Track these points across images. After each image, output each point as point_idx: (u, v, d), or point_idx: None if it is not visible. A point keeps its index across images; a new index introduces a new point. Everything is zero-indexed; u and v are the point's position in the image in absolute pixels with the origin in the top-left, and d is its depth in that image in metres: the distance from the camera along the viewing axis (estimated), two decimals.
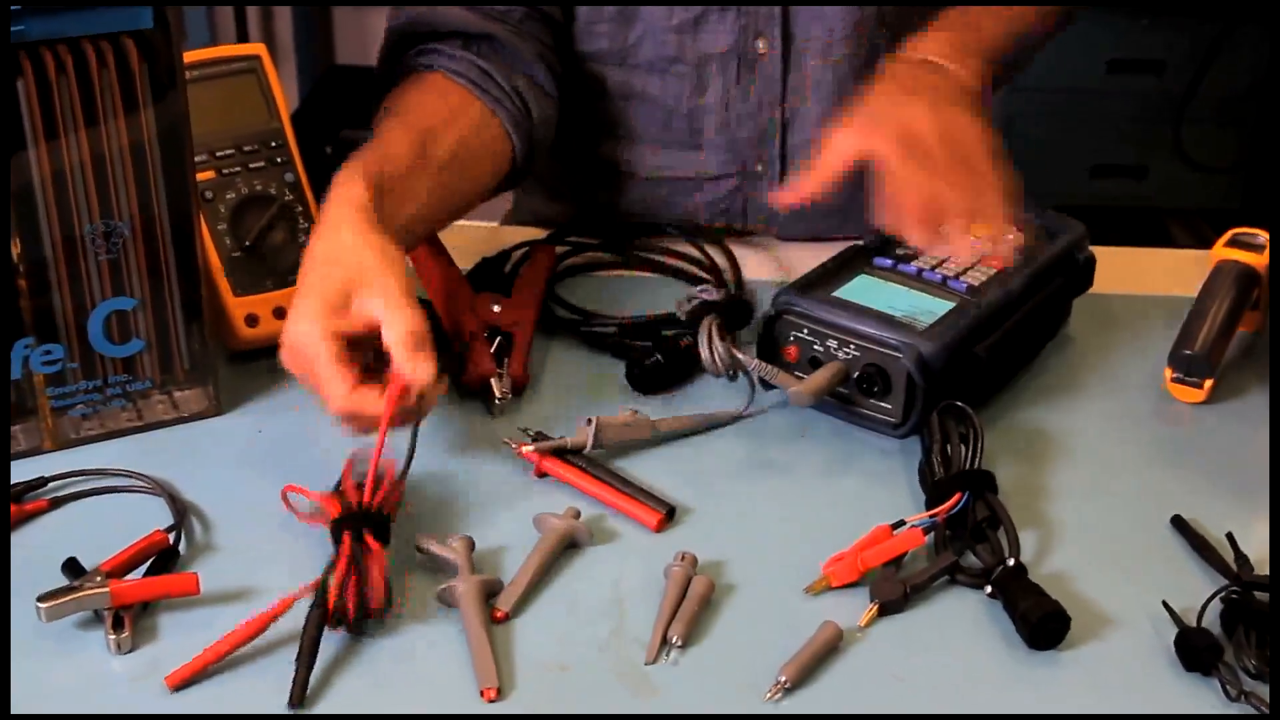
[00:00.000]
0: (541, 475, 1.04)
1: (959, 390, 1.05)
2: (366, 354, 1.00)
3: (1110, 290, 1.29)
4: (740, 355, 1.09)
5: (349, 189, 1.06)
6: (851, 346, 1.07)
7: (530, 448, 1.04)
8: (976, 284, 1.12)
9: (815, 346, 1.09)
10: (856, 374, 1.07)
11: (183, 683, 0.87)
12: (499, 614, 0.91)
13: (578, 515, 0.98)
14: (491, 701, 0.86)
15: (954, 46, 1.18)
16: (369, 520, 0.93)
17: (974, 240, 1.08)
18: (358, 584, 0.90)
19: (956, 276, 1.13)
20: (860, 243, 1.18)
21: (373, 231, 1.03)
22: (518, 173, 1.25)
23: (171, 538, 0.97)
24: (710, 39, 1.30)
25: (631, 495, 1.02)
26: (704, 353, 1.09)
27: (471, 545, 0.96)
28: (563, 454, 1.05)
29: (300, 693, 0.86)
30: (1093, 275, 1.21)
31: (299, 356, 0.99)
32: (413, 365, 0.98)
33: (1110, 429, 1.12)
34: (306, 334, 0.98)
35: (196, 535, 0.99)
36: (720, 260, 1.31)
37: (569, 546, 0.98)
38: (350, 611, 0.89)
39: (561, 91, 1.28)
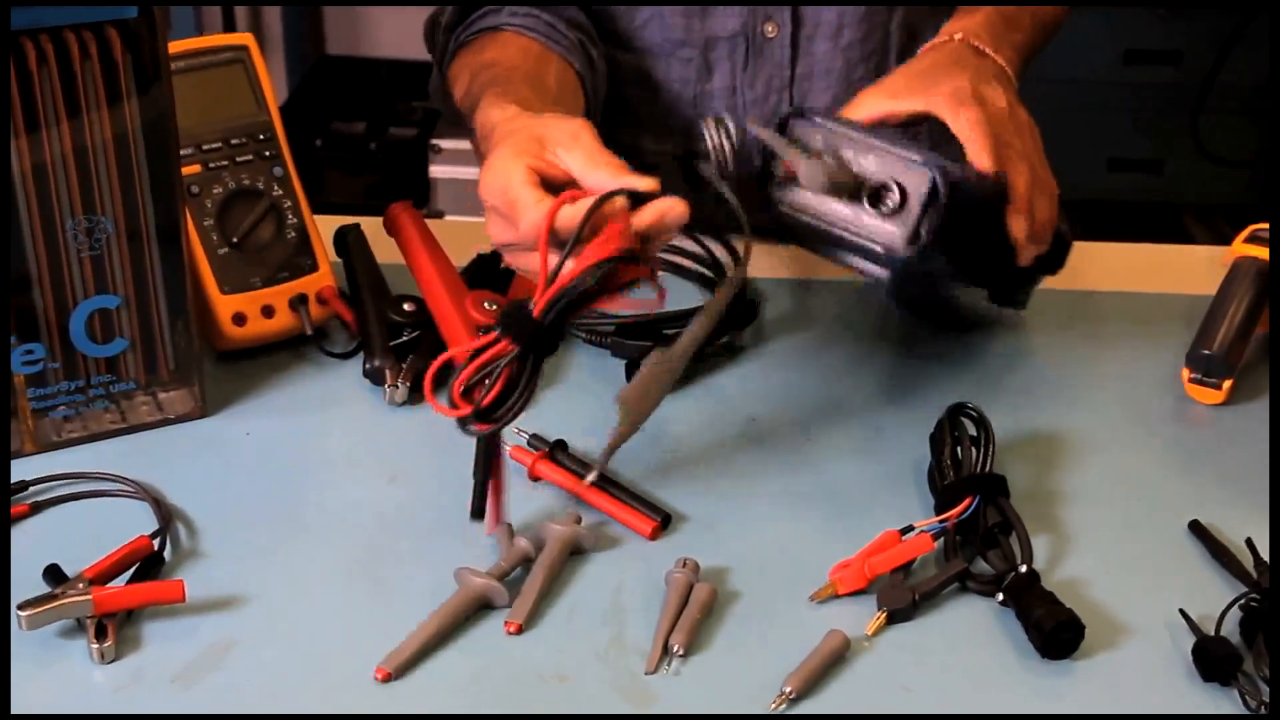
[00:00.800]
0: (536, 479, 1.04)
1: (957, 248, 1.03)
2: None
3: (1126, 288, 1.29)
4: (751, 125, 1.03)
5: (504, 108, 1.06)
6: (870, 157, 1.03)
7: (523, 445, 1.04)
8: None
9: (826, 157, 1.04)
10: (871, 185, 1.02)
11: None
12: (511, 627, 0.91)
13: (579, 521, 0.98)
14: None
15: (994, 35, 1.19)
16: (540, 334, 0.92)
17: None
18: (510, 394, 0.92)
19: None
20: None
21: (547, 114, 1.03)
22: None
23: (156, 543, 0.97)
24: (718, 21, 1.31)
25: (625, 502, 1.01)
26: (710, 131, 1.03)
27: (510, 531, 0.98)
28: (555, 457, 1.05)
29: (480, 504, 0.95)
30: (1065, 258, 1.19)
31: (491, 188, 0.98)
32: (616, 178, 0.94)
33: (1126, 431, 1.12)
34: (501, 164, 0.97)
35: (182, 541, 0.99)
36: (722, 255, 1.30)
37: (572, 553, 0.97)
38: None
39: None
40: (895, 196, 1.01)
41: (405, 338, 1.17)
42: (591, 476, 1.01)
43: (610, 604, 0.94)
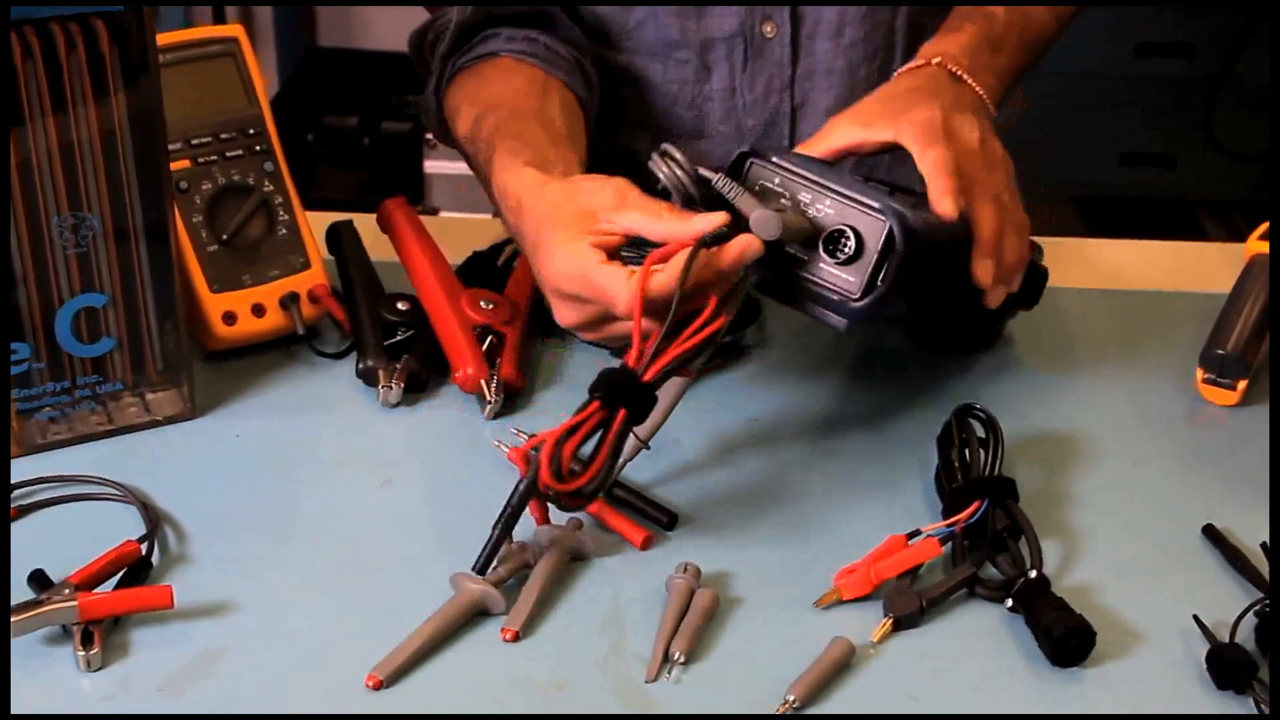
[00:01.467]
0: None
1: (919, 293, 1.03)
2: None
3: (1138, 286, 1.28)
4: (705, 170, 1.03)
5: (520, 174, 1.07)
6: (827, 202, 1.03)
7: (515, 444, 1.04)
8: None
9: (783, 200, 1.04)
10: (827, 232, 1.02)
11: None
12: (508, 634, 0.91)
13: (580, 526, 0.98)
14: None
15: (975, 60, 1.18)
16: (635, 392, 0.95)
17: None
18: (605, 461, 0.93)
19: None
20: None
21: (577, 178, 1.05)
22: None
23: (144, 548, 0.97)
24: (715, 21, 1.30)
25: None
26: (661, 169, 1.03)
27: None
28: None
29: (487, 561, 0.93)
30: (1041, 291, 1.18)
31: (568, 277, 0.99)
32: (688, 225, 0.97)
33: (1138, 433, 1.12)
34: (568, 252, 0.99)
35: (170, 546, 0.99)
36: None
37: (572, 559, 0.97)
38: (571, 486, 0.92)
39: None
40: (851, 244, 1.01)
41: (399, 337, 1.17)
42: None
43: (610, 610, 0.94)
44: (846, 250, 1.01)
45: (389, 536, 1.00)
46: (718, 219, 0.98)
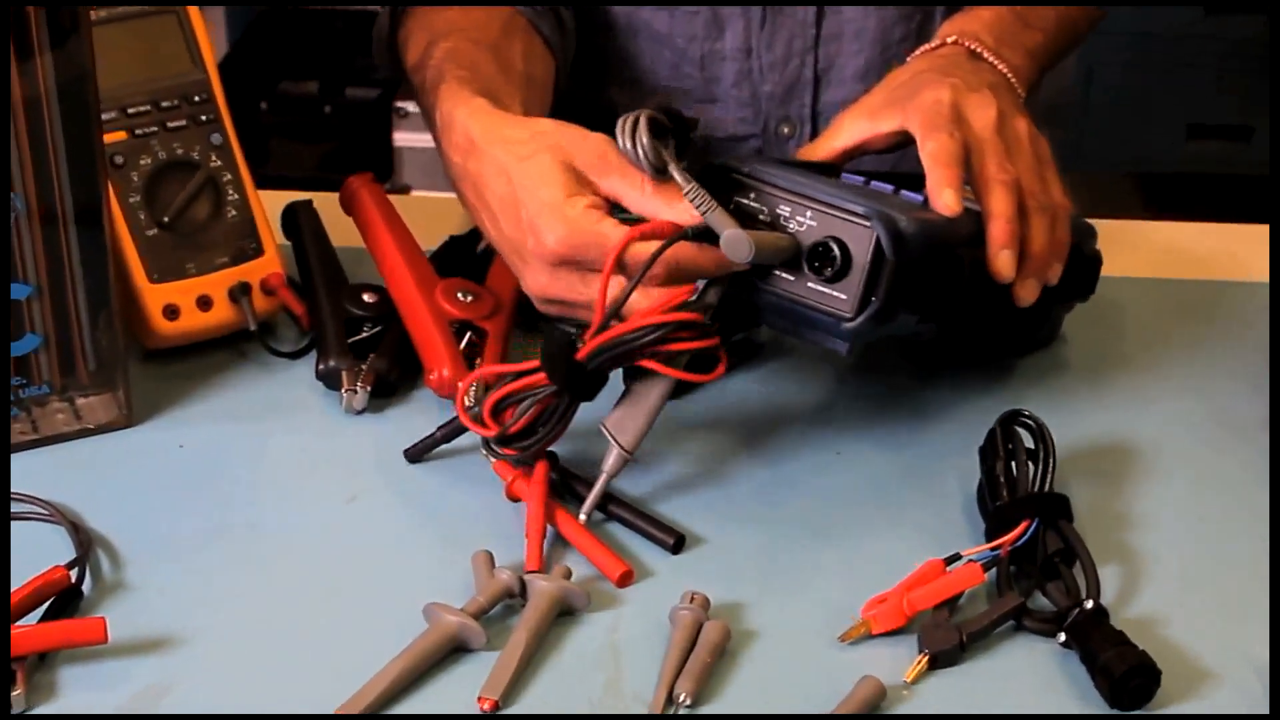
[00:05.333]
0: (515, 499, 1.04)
1: (927, 304, 1.04)
2: None
3: (1208, 275, 1.29)
4: (675, 168, 1.03)
5: (470, 103, 1.09)
6: (808, 214, 1.03)
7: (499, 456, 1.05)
8: (973, 206, 1.09)
9: (761, 217, 1.05)
10: (810, 246, 1.03)
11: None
12: (486, 704, 0.90)
13: (569, 575, 0.98)
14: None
15: (999, 36, 1.18)
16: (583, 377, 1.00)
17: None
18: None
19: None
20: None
21: (547, 124, 1.07)
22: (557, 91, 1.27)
23: (74, 575, 0.97)
24: None
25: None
26: (623, 141, 1.03)
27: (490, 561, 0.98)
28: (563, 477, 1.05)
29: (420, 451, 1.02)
30: (1096, 280, 1.19)
31: (570, 243, 1.02)
32: (672, 209, 1.01)
33: (1209, 442, 1.12)
34: (571, 212, 1.01)
35: (104, 572, 0.99)
36: None
37: (561, 613, 0.97)
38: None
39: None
40: (837, 259, 1.02)
41: (365, 334, 1.17)
42: (581, 518, 1.02)
43: (606, 644, 0.94)
44: (834, 265, 1.02)
45: (354, 561, 1.01)
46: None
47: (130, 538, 1.02)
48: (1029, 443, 1.05)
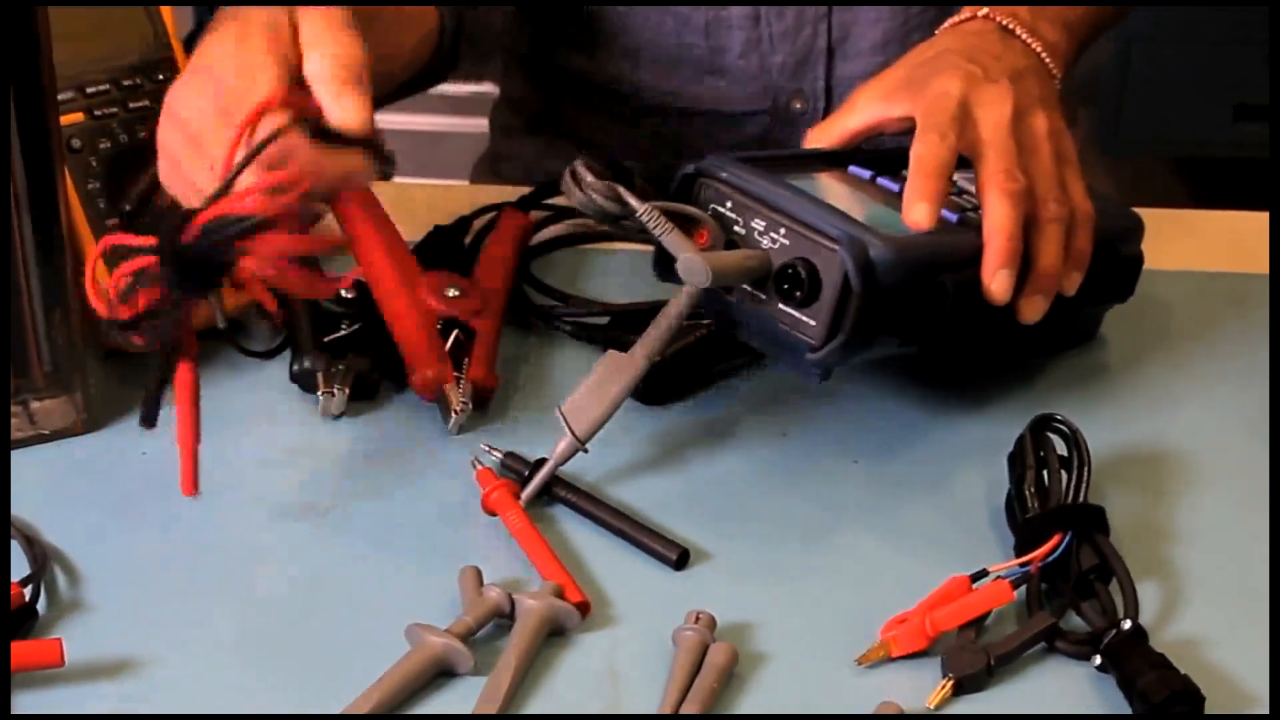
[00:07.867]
0: (491, 514, 1.04)
1: (908, 330, 1.04)
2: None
3: (1253, 268, 1.29)
4: (627, 195, 1.04)
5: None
6: (781, 231, 1.04)
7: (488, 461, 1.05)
8: (976, 219, 1.09)
9: (737, 227, 1.06)
10: (779, 268, 1.03)
11: None
12: None
13: (559, 594, 0.98)
14: None
15: (1036, 10, 1.17)
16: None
17: None
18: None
19: (956, 209, 1.10)
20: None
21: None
22: (442, 54, 1.28)
23: (27, 593, 0.98)
24: None
25: (562, 562, 1.01)
26: (574, 194, 1.04)
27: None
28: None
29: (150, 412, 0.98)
30: (1135, 282, 1.19)
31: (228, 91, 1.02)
32: (340, 103, 1.00)
33: (1256, 449, 1.12)
34: (255, 63, 1.02)
35: (61, 590, 1.00)
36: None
37: (551, 634, 0.97)
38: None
39: None
40: (805, 283, 1.02)
41: (343, 331, 1.17)
42: (521, 502, 1.03)
43: (604, 668, 0.95)
44: (802, 289, 1.02)
45: (331, 577, 1.01)
46: (357, 121, 1.03)
47: (89, 552, 1.02)
48: (1062, 450, 1.05)
